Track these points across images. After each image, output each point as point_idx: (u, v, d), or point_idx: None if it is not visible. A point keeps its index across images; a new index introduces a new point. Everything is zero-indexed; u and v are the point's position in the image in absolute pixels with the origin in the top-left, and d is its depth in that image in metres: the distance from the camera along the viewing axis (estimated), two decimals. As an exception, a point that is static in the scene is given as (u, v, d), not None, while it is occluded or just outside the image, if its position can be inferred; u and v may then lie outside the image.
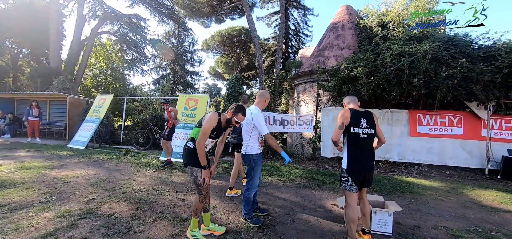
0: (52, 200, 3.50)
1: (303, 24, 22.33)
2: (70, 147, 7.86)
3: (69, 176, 4.67)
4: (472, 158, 6.38)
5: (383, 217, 2.74)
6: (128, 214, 3.12)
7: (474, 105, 6.14)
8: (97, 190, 3.98)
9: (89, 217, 3.02)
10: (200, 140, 2.33)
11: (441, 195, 4.39)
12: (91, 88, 18.06)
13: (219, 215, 3.20)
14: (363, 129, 2.40)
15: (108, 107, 8.70)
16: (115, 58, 19.73)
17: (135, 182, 4.45)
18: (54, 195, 3.71)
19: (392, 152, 6.73)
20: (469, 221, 3.33)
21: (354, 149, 2.41)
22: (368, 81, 6.10)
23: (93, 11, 16.88)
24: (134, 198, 3.64)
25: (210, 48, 26.63)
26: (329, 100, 7.45)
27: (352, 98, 2.64)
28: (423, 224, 3.14)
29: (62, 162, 5.90)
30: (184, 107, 6.95)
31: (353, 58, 6.97)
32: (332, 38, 8.97)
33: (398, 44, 6.01)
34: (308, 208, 3.56)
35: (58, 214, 3.05)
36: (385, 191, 4.45)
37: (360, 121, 2.42)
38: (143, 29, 18.65)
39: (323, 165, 6.66)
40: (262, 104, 3.08)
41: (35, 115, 9.02)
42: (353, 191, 2.41)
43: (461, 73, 5.25)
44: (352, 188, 2.40)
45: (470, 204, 3.99)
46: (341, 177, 2.49)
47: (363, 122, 2.42)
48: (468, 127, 6.39)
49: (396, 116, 6.70)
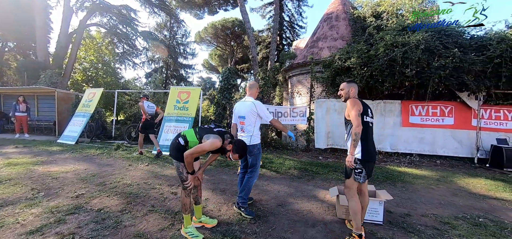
0: (39, 196, 3.41)
1: (297, 15, 22.12)
2: (60, 142, 7.69)
3: (58, 172, 4.57)
4: (462, 148, 6.50)
5: (374, 206, 2.76)
6: (118, 208, 3.07)
7: (465, 95, 6.22)
8: (87, 185, 3.90)
9: (78, 212, 2.95)
10: (191, 155, 2.22)
11: (431, 184, 4.47)
12: (81, 82, 17.64)
13: (211, 207, 3.18)
14: (371, 118, 2.44)
15: (98, 101, 8.51)
16: (105, 51, 19.24)
17: (126, 177, 4.38)
18: (42, 191, 3.62)
19: (384, 143, 6.81)
20: (458, 208, 3.39)
21: (366, 138, 2.34)
22: (361, 72, 6.10)
23: (80, 2, 16.27)
24: (125, 193, 3.58)
25: (204, 41, 26.20)
26: (323, 91, 7.44)
27: (355, 85, 2.55)
28: (413, 212, 3.18)
29: (51, 157, 5.76)
30: (176, 100, 6.84)
31: (347, 49, 6.94)
32: (326, 29, 8.90)
33: (392, 34, 5.99)
34: (301, 199, 3.57)
35: (46, 210, 2.97)
36: (377, 181, 4.50)
37: (368, 109, 2.45)
38: (133, 21, 18.14)
39: (316, 156, 6.69)
40: (255, 94, 3.20)
41: (22, 111, 8.76)
42: (363, 182, 2.38)
43: (453, 63, 5.28)
44: (364, 179, 2.35)
45: (459, 192, 4.07)
46: (354, 169, 2.30)
47: (369, 111, 2.46)
48: (459, 117, 6.49)
49: (389, 107, 6.75)
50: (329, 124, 6.89)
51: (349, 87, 2.52)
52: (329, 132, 6.93)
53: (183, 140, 2.39)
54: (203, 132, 2.36)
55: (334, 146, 6.96)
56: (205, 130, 2.41)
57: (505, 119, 6.33)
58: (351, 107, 2.29)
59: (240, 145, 2.43)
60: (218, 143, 2.26)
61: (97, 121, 9.03)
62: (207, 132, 2.36)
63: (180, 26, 22.99)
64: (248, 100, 3.08)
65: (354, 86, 2.52)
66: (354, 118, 2.22)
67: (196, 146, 2.24)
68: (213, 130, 2.40)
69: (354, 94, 2.48)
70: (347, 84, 2.55)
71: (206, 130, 2.41)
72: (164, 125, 6.59)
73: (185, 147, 2.35)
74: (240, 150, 2.40)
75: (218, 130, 2.43)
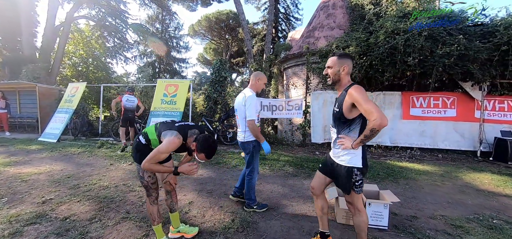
0: (1, 203, 3.01)
1: (293, 7, 21.60)
2: (41, 140, 7.22)
3: (30, 173, 4.15)
4: (465, 140, 6.24)
5: (378, 209, 2.43)
6: (87, 216, 2.69)
7: (468, 85, 5.91)
8: (59, 188, 3.50)
9: (40, 222, 2.56)
10: (149, 162, 1.81)
11: (436, 180, 4.17)
12: (71, 78, 16.99)
13: (194, 212, 2.81)
14: None
15: (88, 97, 8.02)
16: (95, 45, 18.55)
17: (105, 177, 3.99)
18: (6, 196, 3.21)
19: (384, 136, 6.50)
20: (468, 208, 3.09)
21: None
22: (360, 61, 5.73)
23: (67, -7, 15.53)
24: (99, 197, 3.19)
25: (198, 34, 25.52)
26: (319, 83, 7.07)
27: (350, 61, 1.81)
28: (420, 213, 2.87)
29: (27, 157, 5.32)
30: (164, 93, 6.40)
31: (345, 38, 6.55)
32: (322, 17, 8.48)
33: (392, 21, 5.61)
34: (296, 200, 3.22)
35: (4, 219, 2.58)
36: (378, 178, 4.18)
37: None
38: (123, 13, 17.47)
39: (313, 151, 6.36)
40: (255, 86, 2.79)
41: (2, 107, 8.22)
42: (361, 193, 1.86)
43: (458, 51, 4.94)
44: (362, 190, 1.85)
45: (466, 189, 3.77)
46: (354, 182, 1.75)
47: None
48: (461, 109, 6.20)
49: (389, 99, 6.42)
50: (326, 118, 6.54)
51: (341, 64, 1.74)
52: (326, 126, 6.59)
53: (144, 138, 2.01)
54: (163, 128, 1.96)
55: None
56: (166, 125, 2.00)
57: (510, 110, 6.06)
58: (362, 97, 1.58)
59: (205, 142, 1.89)
60: (175, 141, 1.83)
61: (82, 117, 8.55)
62: (168, 127, 1.95)
63: (172, 18, 22.30)
64: (243, 92, 2.76)
65: (349, 63, 1.76)
66: (373, 110, 1.53)
67: (152, 153, 1.83)
68: (174, 125, 1.99)
69: (348, 74, 1.77)
70: (338, 60, 1.74)
71: (166, 125, 2.00)
72: (150, 120, 6.17)
73: (147, 146, 1.98)
74: (205, 149, 1.88)
75: (179, 124, 2.01)
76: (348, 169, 1.75)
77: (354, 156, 1.74)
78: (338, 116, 1.77)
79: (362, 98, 1.58)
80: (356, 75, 5.87)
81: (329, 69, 1.79)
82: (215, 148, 1.95)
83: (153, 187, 2.06)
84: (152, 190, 2.06)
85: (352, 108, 1.67)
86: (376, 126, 1.51)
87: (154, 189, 2.07)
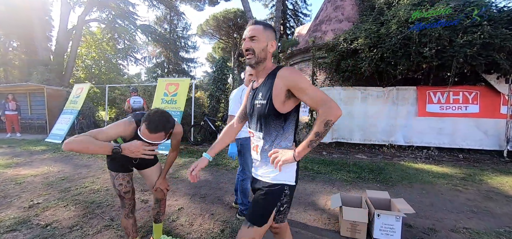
0: (-12, 207, 2.91)
1: (301, 2, 21.10)
2: (48, 141, 7.30)
3: (26, 175, 4.09)
4: (488, 139, 5.65)
5: (389, 221, 2.08)
6: (69, 223, 2.52)
7: (493, 78, 5.33)
8: (49, 191, 3.38)
9: (20, 228, 2.42)
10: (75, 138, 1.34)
11: (457, 184, 3.71)
12: (84, 80, 17.44)
13: (183, 220, 2.57)
14: None
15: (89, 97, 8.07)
16: (106, 47, 18.98)
17: (99, 180, 3.85)
18: (-4, 199, 3.13)
19: (397, 135, 6.03)
20: (496, 219, 2.66)
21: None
22: (370, 54, 5.30)
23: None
24: (87, 201, 3.03)
25: (206, 33, 25.55)
26: (326, 78, 6.68)
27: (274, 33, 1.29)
28: (439, 225, 2.48)
29: (29, 158, 5.32)
30: (164, 92, 6.26)
31: (353, 30, 6.12)
32: (330, 10, 8.05)
33: (406, 9, 5.14)
34: (296, 207, 2.92)
35: (-15, 225, 2.46)
36: (390, 181, 3.79)
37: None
38: (132, 15, 17.69)
39: (320, 151, 5.99)
40: (246, 80, 2.53)
41: (12, 109, 8.41)
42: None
43: (482, 39, 4.42)
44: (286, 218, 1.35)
45: (493, 195, 3.31)
46: (280, 206, 1.23)
47: None
48: (485, 104, 5.62)
49: (402, 94, 5.93)
50: (333, 116, 6.15)
51: (269, 37, 1.21)
52: (334, 124, 6.19)
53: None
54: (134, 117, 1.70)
55: (340, 139, 6.24)
56: (136, 115, 1.72)
57: (542, 105, 5.41)
58: (304, 79, 1.16)
59: (149, 113, 1.50)
60: (121, 124, 1.56)
61: (89, 117, 8.62)
62: (135, 115, 1.70)
63: (180, 18, 22.33)
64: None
65: (275, 40, 1.26)
66: (323, 96, 1.13)
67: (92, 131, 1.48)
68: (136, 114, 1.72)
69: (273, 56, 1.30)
70: (265, 31, 1.21)
71: (137, 115, 1.72)
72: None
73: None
74: (145, 118, 1.47)
75: (137, 113, 1.74)
76: (275, 188, 1.20)
77: (285, 169, 1.20)
78: (264, 111, 1.18)
79: (304, 80, 1.13)
80: (366, 69, 5.44)
81: (252, 41, 1.18)
82: (159, 120, 1.47)
83: (127, 197, 1.80)
84: (125, 200, 1.81)
85: (286, 99, 1.16)
86: (333, 116, 1.08)
87: (128, 200, 1.82)
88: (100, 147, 1.39)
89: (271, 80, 1.18)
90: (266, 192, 1.23)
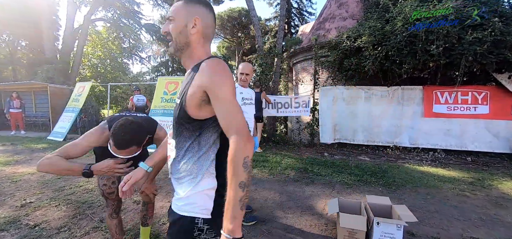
0: (-19, 205, 2.89)
1: (306, 1, 20.84)
2: (50, 139, 7.35)
3: (23, 173, 4.08)
4: (499, 141, 5.40)
5: (389, 230, 1.94)
6: (58, 223, 2.46)
7: (505, 77, 5.08)
8: (43, 190, 3.35)
9: (8, 229, 2.38)
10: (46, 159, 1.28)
11: (465, 189, 3.52)
12: (91, 78, 17.64)
13: (173, 224, 2.48)
14: None
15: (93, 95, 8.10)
16: (112, 46, 19.18)
17: (93, 179, 3.79)
18: (-10, 197, 3.10)
19: (402, 136, 5.83)
20: (507, 227, 2.48)
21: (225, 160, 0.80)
22: (374, 52, 5.12)
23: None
24: (79, 201, 2.98)
25: (210, 32, 25.53)
26: (329, 77, 6.50)
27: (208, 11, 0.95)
28: (445, 234, 2.32)
29: (29, 156, 5.33)
30: (164, 91, 6.20)
31: (357, 27, 5.93)
32: (333, 7, 7.86)
33: (413, 5, 4.93)
34: (293, 211, 2.79)
35: (-25, 225, 2.42)
36: (393, 185, 3.62)
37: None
38: (136, 14, 17.81)
39: (321, 152, 5.84)
40: (239, 80, 2.52)
41: (17, 107, 8.52)
42: None
43: (492, 37, 4.19)
44: None
45: (504, 202, 3.12)
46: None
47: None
48: (495, 105, 5.37)
49: (408, 94, 5.72)
50: (336, 116, 5.99)
51: (190, 13, 0.90)
52: (336, 125, 6.03)
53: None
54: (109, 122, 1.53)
55: (342, 140, 6.06)
56: (112, 119, 1.54)
57: (557, 106, 5.14)
58: (225, 82, 0.82)
59: (116, 125, 1.33)
60: (93, 132, 1.44)
61: (92, 116, 8.66)
62: (111, 120, 1.53)
63: (185, 17, 22.45)
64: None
65: (205, 15, 0.93)
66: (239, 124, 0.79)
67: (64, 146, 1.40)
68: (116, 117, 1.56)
69: (205, 38, 0.94)
70: (186, 6, 0.91)
71: (113, 119, 1.54)
72: (151, 119, 6.00)
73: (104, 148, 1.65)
74: (112, 133, 1.31)
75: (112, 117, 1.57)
76: (184, 221, 0.87)
77: (197, 194, 0.87)
78: (176, 114, 0.91)
79: (226, 87, 0.81)
80: (370, 68, 5.26)
81: (170, 23, 0.91)
82: (125, 135, 1.29)
83: (110, 198, 1.75)
84: (109, 201, 1.76)
85: (202, 102, 0.84)
86: (250, 152, 0.76)
87: (112, 200, 1.76)
88: (68, 169, 1.31)
89: (193, 74, 0.87)
90: (179, 225, 0.88)
